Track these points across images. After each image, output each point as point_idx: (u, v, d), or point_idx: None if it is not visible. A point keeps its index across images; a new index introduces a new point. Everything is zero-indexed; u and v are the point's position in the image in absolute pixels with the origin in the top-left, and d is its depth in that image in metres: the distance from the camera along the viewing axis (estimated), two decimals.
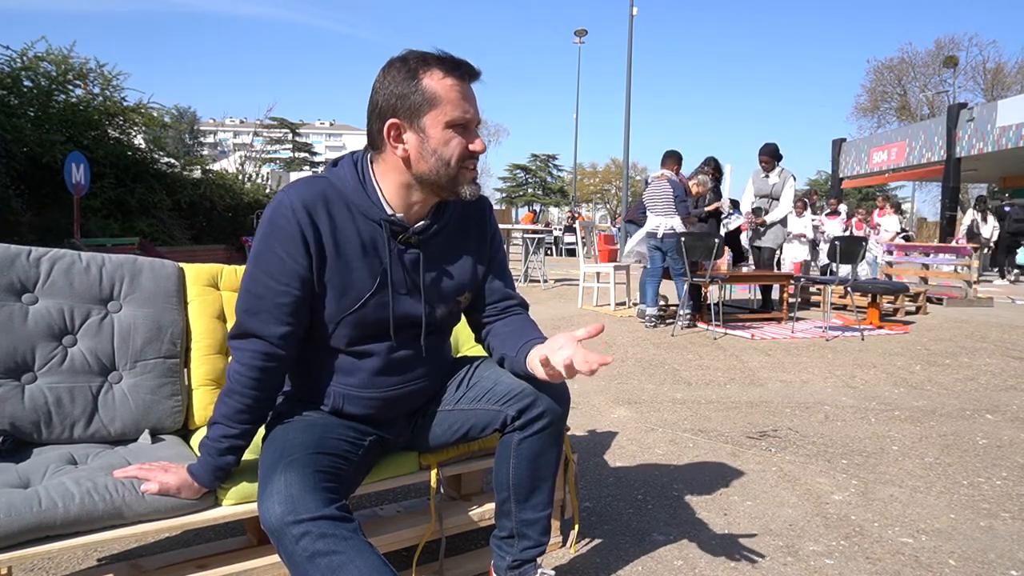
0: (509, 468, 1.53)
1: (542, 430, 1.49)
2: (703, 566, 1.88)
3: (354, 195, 1.38)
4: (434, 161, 1.34)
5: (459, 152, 1.34)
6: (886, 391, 4.03)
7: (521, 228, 13.05)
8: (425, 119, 1.31)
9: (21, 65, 10.00)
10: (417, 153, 1.34)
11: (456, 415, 1.56)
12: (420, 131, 1.32)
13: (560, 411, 1.50)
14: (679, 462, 2.73)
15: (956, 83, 35.72)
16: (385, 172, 1.39)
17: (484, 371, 1.57)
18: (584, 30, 29.28)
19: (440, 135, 1.32)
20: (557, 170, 54.39)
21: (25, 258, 1.59)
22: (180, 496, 1.35)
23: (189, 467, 1.37)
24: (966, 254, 9.75)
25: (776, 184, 7.04)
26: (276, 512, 1.17)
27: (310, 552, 1.16)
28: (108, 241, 9.12)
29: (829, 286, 6.62)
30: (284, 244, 1.33)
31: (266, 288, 1.34)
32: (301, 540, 1.16)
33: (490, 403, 1.50)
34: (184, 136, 31.39)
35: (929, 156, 18.45)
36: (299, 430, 1.37)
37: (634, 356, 4.98)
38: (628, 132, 15.58)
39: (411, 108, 1.31)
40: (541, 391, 1.47)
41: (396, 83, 1.31)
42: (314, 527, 1.17)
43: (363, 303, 1.38)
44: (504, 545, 1.59)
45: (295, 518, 1.16)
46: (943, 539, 2.07)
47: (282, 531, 1.17)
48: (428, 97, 1.30)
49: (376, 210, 1.38)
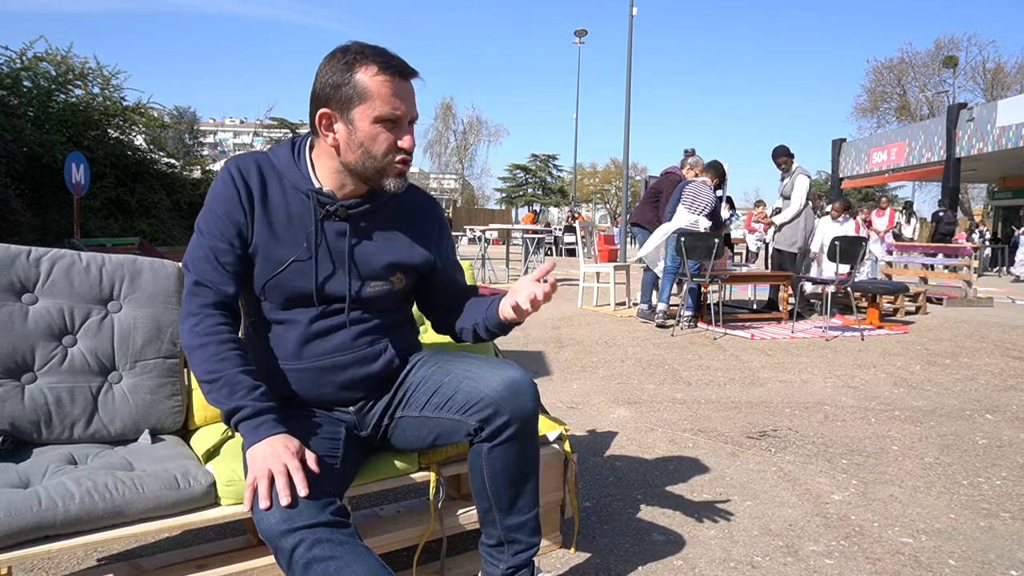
0: (484, 478, 1.48)
1: (511, 438, 1.43)
2: (703, 566, 1.88)
3: (286, 168, 1.44)
4: (360, 153, 1.38)
5: (385, 147, 1.38)
6: (886, 391, 4.03)
7: (521, 228, 13.05)
8: (354, 112, 1.35)
9: (21, 65, 10.01)
10: (345, 144, 1.38)
11: (422, 422, 1.50)
12: (349, 123, 1.36)
13: (527, 413, 1.43)
14: (679, 462, 2.73)
15: (956, 83, 35.77)
16: (319, 155, 1.45)
17: (445, 375, 1.50)
18: (584, 30, 29.28)
19: (368, 129, 1.35)
20: (557, 170, 54.38)
21: (25, 258, 1.59)
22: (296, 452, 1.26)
23: (254, 443, 1.26)
24: (966, 254, 9.76)
25: (787, 183, 7.01)
26: (270, 521, 1.17)
27: (307, 560, 1.15)
28: (108, 241, 9.11)
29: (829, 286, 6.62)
30: (223, 204, 1.39)
31: (211, 248, 1.38)
32: (297, 548, 1.15)
33: (451, 412, 1.45)
34: (184, 136, 31.39)
35: (929, 156, 18.46)
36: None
37: (634, 356, 4.98)
38: (628, 132, 15.59)
39: (342, 100, 1.35)
40: (502, 395, 1.41)
41: (333, 73, 1.35)
42: (310, 534, 1.16)
43: (286, 267, 1.41)
44: (495, 552, 1.54)
45: (290, 526, 1.16)
46: (943, 539, 2.07)
47: (278, 540, 1.16)
48: (359, 91, 1.33)
49: (305, 182, 1.43)
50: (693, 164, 6.62)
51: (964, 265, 9.54)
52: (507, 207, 48.46)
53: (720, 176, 6.63)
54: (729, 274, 6.66)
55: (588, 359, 4.83)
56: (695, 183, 6.43)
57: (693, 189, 6.38)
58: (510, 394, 1.41)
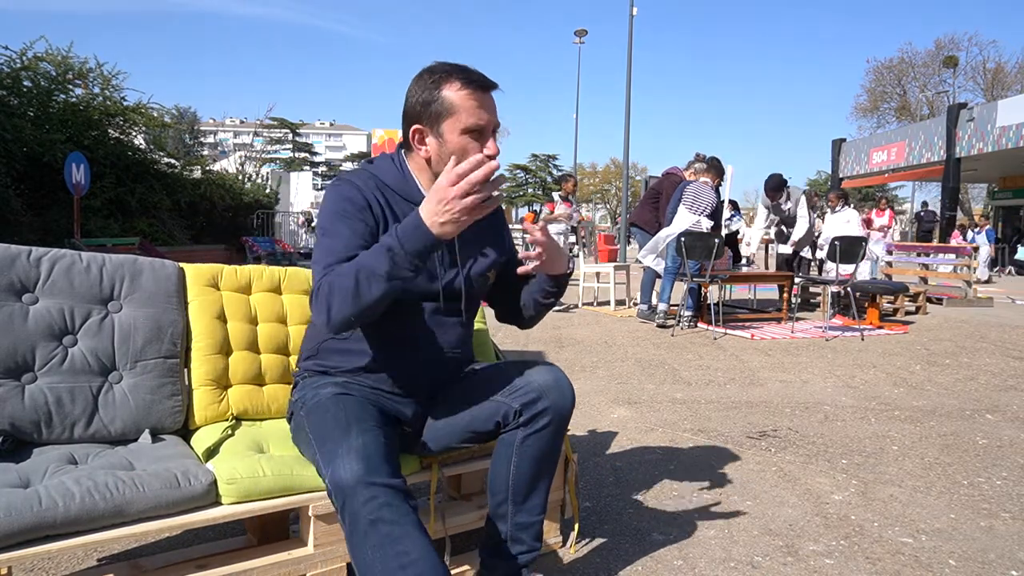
0: (510, 467, 1.54)
1: (546, 427, 1.51)
2: (703, 566, 1.88)
3: (395, 182, 1.52)
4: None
5: None
6: (886, 391, 4.03)
7: (521, 228, 13.07)
8: (444, 126, 1.43)
9: (21, 65, 9.99)
10: (436, 155, 1.46)
11: (461, 408, 1.57)
12: (439, 136, 1.44)
13: (565, 410, 1.53)
14: (679, 462, 2.73)
15: (956, 83, 35.74)
16: (417, 168, 1.54)
17: (490, 368, 1.64)
18: (584, 30, 29.26)
19: (457, 140, 1.43)
20: (557, 170, 54.36)
21: (25, 258, 1.59)
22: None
23: (425, 223, 1.26)
24: (966, 254, 9.75)
25: (790, 207, 7.16)
26: (355, 469, 1.23)
27: (374, 517, 1.21)
28: (108, 241, 9.11)
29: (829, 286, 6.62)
30: (355, 209, 1.43)
31: (346, 247, 1.39)
32: (369, 503, 1.21)
33: (495, 393, 1.53)
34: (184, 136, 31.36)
35: (929, 156, 18.45)
36: (355, 404, 1.43)
37: (634, 356, 4.99)
38: (628, 132, 15.59)
39: (432, 115, 1.44)
40: (549, 385, 1.51)
41: (422, 92, 1.44)
42: (383, 493, 1.22)
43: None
44: (496, 551, 1.59)
45: (371, 480, 1.22)
46: (943, 539, 2.07)
47: (355, 490, 1.22)
48: (447, 106, 1.42)
49: (416, 193, 1.50)
50: (698, 170, 6.63)
51: (964, 265, 9.55)
52: (507, 207, 48.48)
53: (720, 175, 6.63)
54: (729, 274, 6.67)
55: (588, 359, 4.83)
56: (696, 183, 6.43)
57: (694, 190, 6.38)
58: (555, 387, 1.52)
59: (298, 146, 51.23)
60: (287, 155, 48.63)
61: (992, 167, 19.95)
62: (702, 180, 6.46)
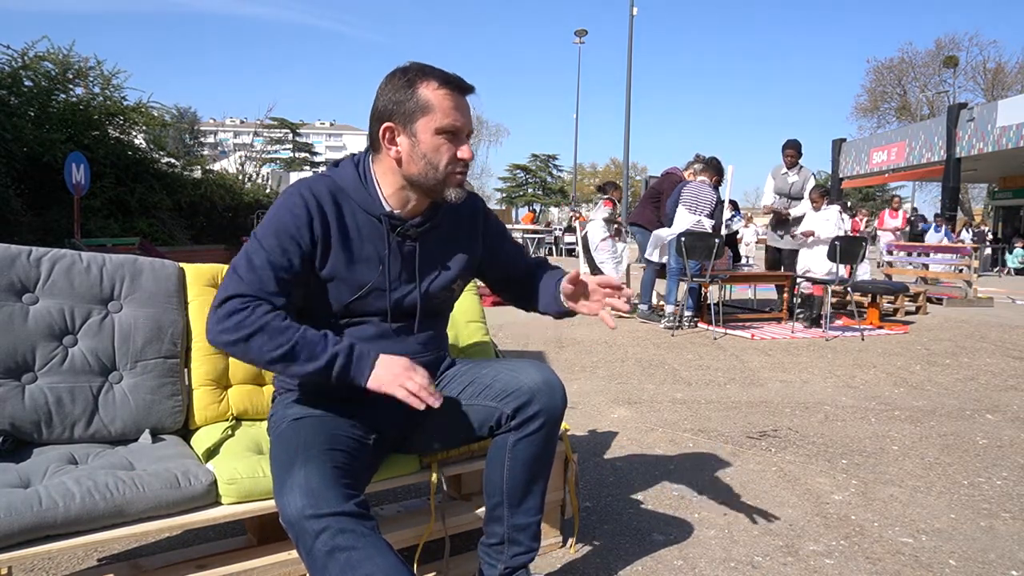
0: (503, 470, 1.52)
1: (538, 431, 1.49)
2: (703, 566, 1.88)
3: (355, 192, 1.46)
4: (423, 164, 1.43)
5: (447, 158, 1.43)
6: (886, 391, 4.03)
7: (521, 228, 13.07)
8: (417, 124, 1.40)
9: (21, 65, 9.99)
10: (408, 156, 1.42)
11: (452, 414, 1.54)
12: (412, 135, 1.41)
13: (557, 412, 1.51)
14: (679, 462, 2.73)
15: (956, 83, 35.75)
16: (384, 173, 1.48)
17: (482, 368, 1.59)
18: (584, 30, 29.27)
19: (430, 140, 1.41)
20: (557, 170, 54.32)
21: (25, 258, 1.59)
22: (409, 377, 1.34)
23: (371, 375, 1.34)
24: (966, 254, 9.75)
25: (796, 182, 7.03)
26: (297, 505, 1.19)
27: (329, 547, 1.18)
28: (108, 241, 9.10)
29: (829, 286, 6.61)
30: (292, 223, 1.38)
31: (269, 260, 1.36)
32: (321, 535, 1.18)
33: (487, 399, 1.52)
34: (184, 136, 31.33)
35: (929, 156, 18.45)
36: (310, 428, 1.38)
37: (634, 356, 4.99)
38: (628, 132, 15.60)
39: (405, 113, 1.40)
40: (540, 388, 1.49)
41: (395, 90, 1.41)
42: (334, 522, 1.19)
43: (366, 291, 1.45)
44: (493, 552, 1.58)
45: (316, 512, 1.18)
46: (943, 539, 2.07)
47: (302, 525, 1.18)
48: (422, 105, 1.39)
49: (376, 206, 1.46)
50: (697, 170, 6.62)
51: (964, 265, 9.54)
52: (507, 207, 48.42)
53: (720, 174, 6.63)
54: (729, 274, 6.67)
55: (588, 359, 4.83)
56: (695, 183, 6.43)
57: (693, 189, 6.38)
58: (546, 389, 1.49)
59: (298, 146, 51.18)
60: (287, 155, 48.59)
61: (992, 167, 19.95)
62: (700, 180, 6.46)
